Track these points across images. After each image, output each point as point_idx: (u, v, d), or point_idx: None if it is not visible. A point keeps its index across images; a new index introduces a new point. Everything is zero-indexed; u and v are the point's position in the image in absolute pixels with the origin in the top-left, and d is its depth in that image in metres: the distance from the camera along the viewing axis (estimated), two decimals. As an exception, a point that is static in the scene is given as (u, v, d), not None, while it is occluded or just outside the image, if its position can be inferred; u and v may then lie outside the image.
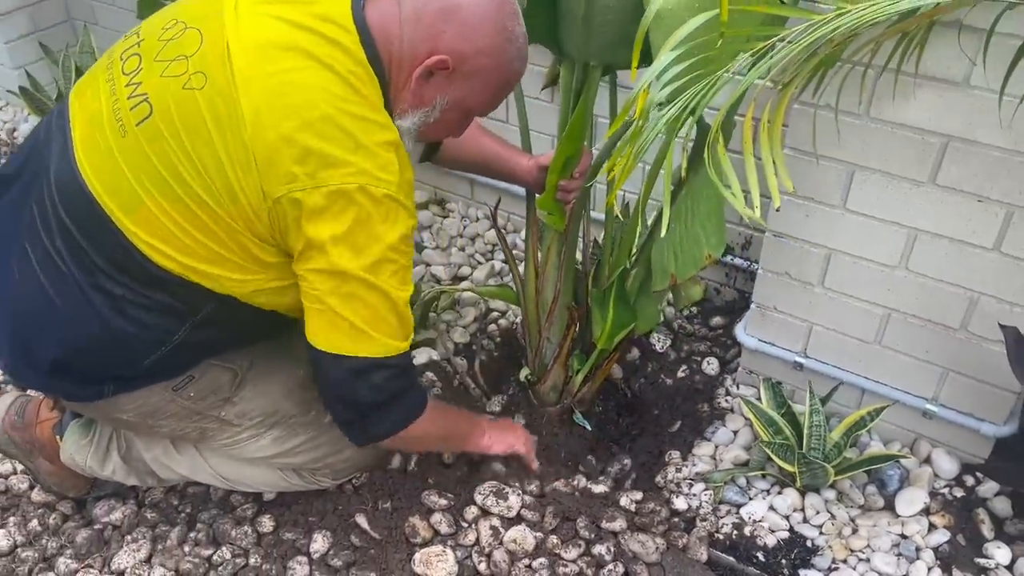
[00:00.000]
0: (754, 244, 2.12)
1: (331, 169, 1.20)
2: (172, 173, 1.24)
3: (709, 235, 1.44)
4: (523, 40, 1.33)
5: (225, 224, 1.26)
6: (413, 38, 1.26)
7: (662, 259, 1.57)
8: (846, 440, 1.69)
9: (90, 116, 1.31)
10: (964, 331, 1.61)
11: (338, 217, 1.22)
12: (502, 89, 1.37)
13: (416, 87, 1.29)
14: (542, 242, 1.77)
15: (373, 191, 1.22)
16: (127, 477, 1.66)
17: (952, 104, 1.41)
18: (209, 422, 1.54)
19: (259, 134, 1.19)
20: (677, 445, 1.86)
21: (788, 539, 1.63)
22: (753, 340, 1.87)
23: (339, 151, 1.20)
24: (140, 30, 1.36)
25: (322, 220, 1.22)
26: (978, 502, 1.68)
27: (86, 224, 1.29)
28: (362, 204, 1.22)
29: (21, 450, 1.69)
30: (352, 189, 1.21)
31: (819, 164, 1.57)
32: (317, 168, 1.19)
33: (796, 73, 1.20)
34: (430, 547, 1.58)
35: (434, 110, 1.33)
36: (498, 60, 1.30)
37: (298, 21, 1.23)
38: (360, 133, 1.21)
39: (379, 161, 1.23)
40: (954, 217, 1.51)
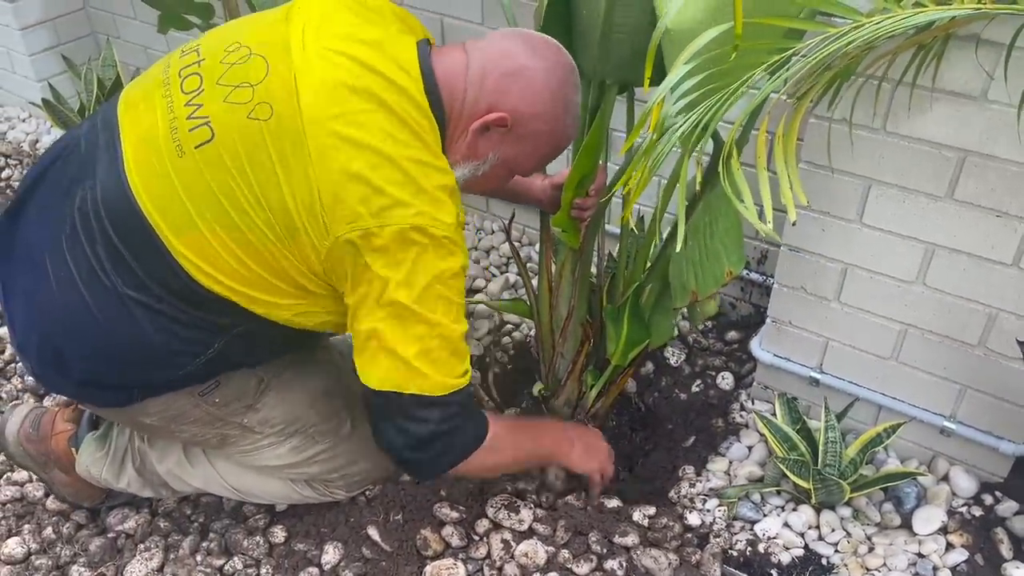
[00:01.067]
0: (770, 258, 2.11)
1: (395, 210, 1.23)
2: (232, 202, 1.25)
3: (729, 252, 1.44)
4: (578, 110, 1.39)
5: (279, 256, 1.28)
6: (477, 94, 1.31)
7: (681, 276, 1.56)
8: (862, 457, 1.67)
9: (144, 131, 1.31)
10: (982, 348, 1.59)
11: (398, 255, 1.25)
12: (551, 153, 1.42)
13: (472, 140, 1.34)
14: (556, 257, 1.77)
15: (433, 231, 1.25)
16: (142, 489, 1.67)
17: (969, 118, 1.40)
18: (231, 428, 1.54)
19: (325, 173, 1.21)
20: (691, 460, 1.85)
21: (803, 556, 1.61)
22: (768, 355, 1.86)
23: (402, 193, 1.23)
24: (200, 48, 1.35)
25: (383, 258, 1.25)
26: (997, 521, 1.66)
27: (132, 239, 1.29)
28: (421, 243, 1.25)
29: (36, 462, 1.70)
30: (411, 228, 1.24)
31: (835, 178, 1.57)
32: (381, 209, 1.22)
33: (811, 86, 1.20)
34: (441, 560, 1.58)
35: (484, 164, 1.37)
36: (553, 126, 1.36)
37: (367, 62, 1.25)
38: (421, 177, 1.25)
39: (438, 204, 1.26)
40: (972, 232, 1.49)
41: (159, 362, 1.38)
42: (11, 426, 1.70)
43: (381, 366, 1.32)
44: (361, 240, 1.23)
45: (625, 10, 1.34)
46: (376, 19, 1.34)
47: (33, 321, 1.39)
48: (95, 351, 1.36)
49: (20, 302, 1.40)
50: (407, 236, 1.24)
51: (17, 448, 1.69)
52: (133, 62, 3.11)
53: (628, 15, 1.34)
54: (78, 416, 1.73)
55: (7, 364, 2.12)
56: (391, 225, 1.23)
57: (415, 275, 1.27)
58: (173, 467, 1.62)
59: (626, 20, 1.37)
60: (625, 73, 1.49)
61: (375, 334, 1.30)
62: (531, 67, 1.31)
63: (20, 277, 1.39)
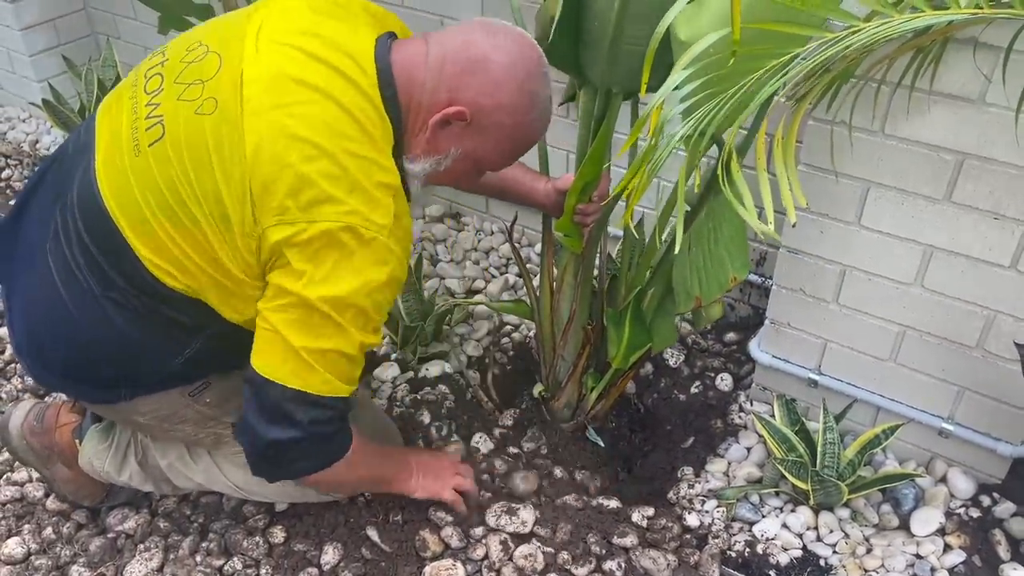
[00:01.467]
0: (769, 260, 2.12)
1: (323, 206, 1.19)
2: (175, 196, 1.24)
3: (734, 258, 1.44)
4: (547, 103, 1.33)
5: (219, 250, 1.25)
6: (436, 86, 1.26)
7: (685, 282, 1.56)
8: (860, 458, 1.67)
9: (112, 133, 1.33)
10: (980, 349, 1.59)
11: (321, 253, 1.21)
12: (518, 147, 1.36)
13: (431, 134, 1.29)
14: (558, 261, 1.77)
15: (362, 232, 1.21)
16: (143, 483, 1.67)
17: (968, 121, 1.40)
18: (224, 428, 1.55)
19: (257, 165, 1.19)
20: (690, 461, 1.85)
21: (801, 557, 1.62)
22: (767, 356, 1.87)
23: (334, 189, 1.19)
24: (166, 49, 1.37)
25: (305, 252, 1.20)
26: (994, 523, 1.66)
27: (101, 239, 1.30)
28: (347, 244, 1.21)
29: (38, 457, 1.71)
30: (339, 228, 1.19)
31: (834, 180, 1.57)
32: (310, 204, 1.18)
33: (809, 88, 1.20)
34: (440, 561, 1.58)
35: (446, 158, 1.32)
36: (517, 119, 1.30)
37: (317, 54, 1.23)
38: (359, 173, 1.20)
39: (373, 204, 1.22)
40: (970, 234, 1.50)
41: (138, 360, 1.38)
42: (15, 420, 1.71)
43: (273, 354, 1.27)
44: (287, 233, 1.19)
45: (636, 21, 1.32)
46: (341, 15, 1.31)
47: (24, 319, 1.42)
48: (72, 347, 1.38)
49: (18, 300, 1.43)
50: (334, 236, 1.20)
51: (20, 442, 1.70)
52: (133, 62, 3.08)
53: (639, 26, 1.32)
54: (83, 408, 1.73)
55: (7, 364, 2.12)
56: (319, 222, 1.19)
57: (335, 279, 1.22)
58: (175, 462, 1.63)
59: (637, 31, 1.36)
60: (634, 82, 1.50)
61: (278, 323, 1.25)
62: (493, 58, 1.25)
63: (19, 276, 1.42)
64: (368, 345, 1.31)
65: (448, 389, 2.01)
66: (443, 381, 2.03)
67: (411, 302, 2.10)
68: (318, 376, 1.28)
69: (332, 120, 1.20)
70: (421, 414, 1.91)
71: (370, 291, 1.24)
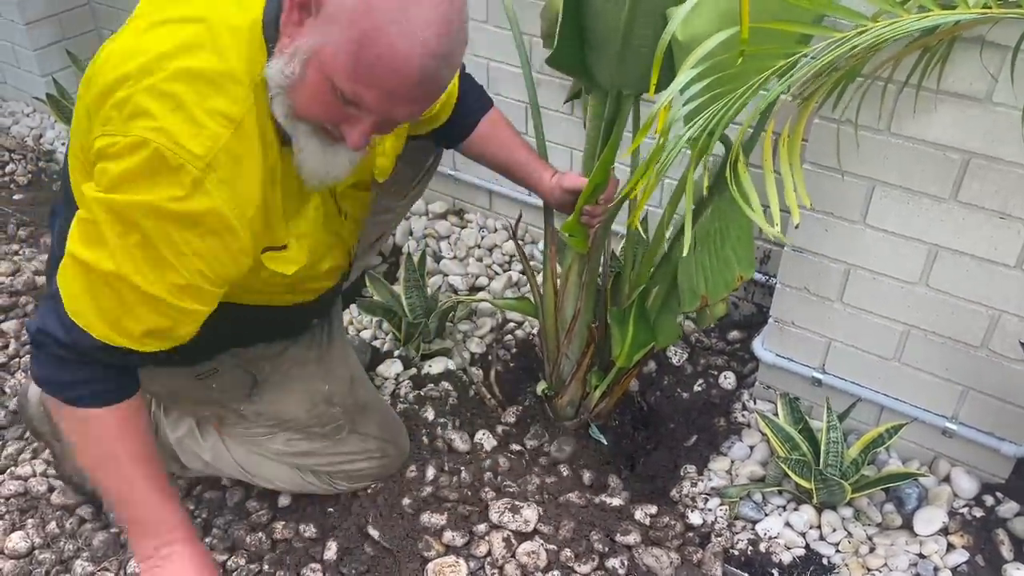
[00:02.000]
0: (773, 258, 2.11)
1: (139, 119, 1.07)
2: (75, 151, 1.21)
3: (740, 257, 1.43)
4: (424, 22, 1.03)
5: None
6: None
7: (691, 281, 1.56)
8: (864, 457, 1.67)
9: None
10: (985, 349, 1.59)
11: (121, 157, 1.08)
12: (374, 68, 1.05)
13: (285, 24, 1.10)
14: (562, 260, 1.77)
15: (168, 156, 1.06)
16: None
17: (974, 120, 1.40)
18: (227, 412, 1.58)
19: (101, 74, 1.11)
20: (693, 459, 1.85)
21: (804, 556, 1.62)
22: (771, 355, 1.86)
23: (153, 103, 1.06)
24: None
25: (109, 159, 1.09)
26: (998, 522, 1.66)
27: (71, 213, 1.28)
28: (147, 161, 1.06)
29: (52, 426, 1.69)
30: (143, 143, 1.06)
31: (839, 179, 1.57)
32: (130, 116, 1.07)
33: (816, 88, 1.20)
34: (443, 558, 1.58)
35: (293, 60, 1.09)
36: (372, 24, 1.02)
37: None
38: (188, 94, 1.07)
39: (195, 128, 1.07)
40: (976, 234, 1.49)
41: None
42: (34, 388, 1.71)
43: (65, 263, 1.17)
44: (104, 143, 1.09)
45: (646, 22, 1.32)
46: None
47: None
48: None
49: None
50: (136, 150, 1.06)
51: (38, 410, 1.70)
52: (137, 57, 3.10)
53: (649, 27, 1.31)
54: None
55: (10, 359, 2.13)
56: (130, 136, 1.07)
57: (120, 187, 1.08)
58: (184, 437, 1.64)
59: (647, 32, 1.35)
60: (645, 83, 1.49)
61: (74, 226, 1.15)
62: None
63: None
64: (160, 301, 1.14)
65: (451, 386, 2.01)
66: (446, 378, 2.04)
67: (414, 298, 2.10)
68: (70, 287, 1.15)
69: (188, 37, 1.10)
70: (425, 410, 1.92)
71: (159, 216, 1.09)
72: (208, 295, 1.19)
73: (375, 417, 1.69)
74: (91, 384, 1.23)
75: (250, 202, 1.14)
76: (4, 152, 3.01)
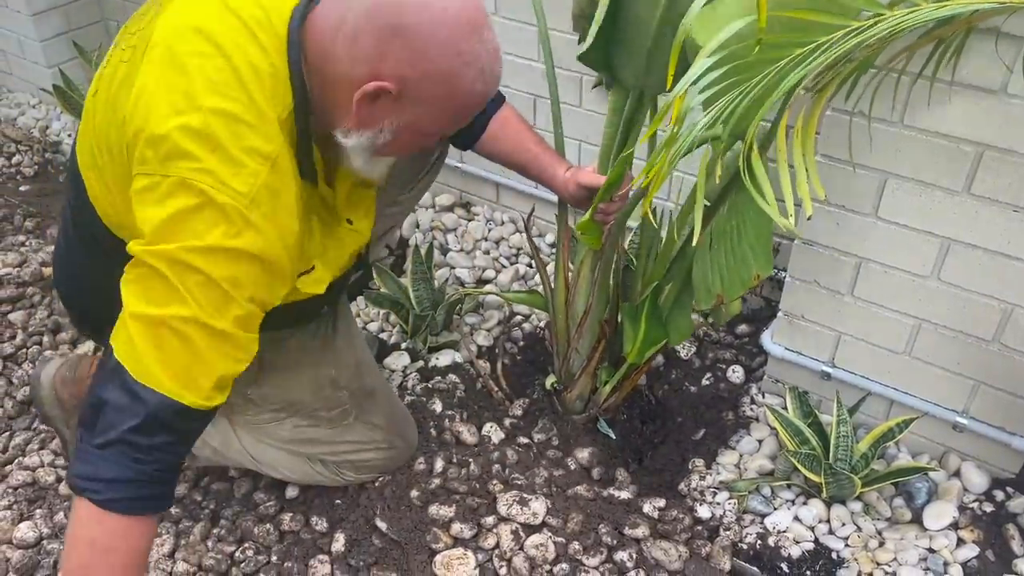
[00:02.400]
0: (783, 252, 2.10)
1: (180, 160, 1.10)
2: (90, 149, 1.25)
3: (757, 255, 1.42)
4: (486, 58, 1.15)
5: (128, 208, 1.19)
6: (351, 57, 1.12)
7: (707, 279, 1.55)
8: (873, 451, 1.66)
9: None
10: (997, 343, 1.58)
11: (164, 202, 1.10)
12: (461, 112, 1.22)
13: (359, 110, 1.16)
14: (574, 256, 1.76)
15: (212, 194, 1.09)
16: None
17: (988, 112, 1.39)
18: (235, 396, 1.55)
19: (136, 112, 1.13)
20: (701, 453, 1.85)
21: (813, 550, 1.61)
22: (780, 349, 1.86)
23: (192, 145, 1.09)
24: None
25: (151, 204, 1.11)
26: (1008, 517, 1.66)
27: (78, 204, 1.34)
28: (194, 200, 1.09)
29: (64, 410, 1.71)
30: (189, 183, 1.09)
31: (851, 172, 1.56)
32: (167, 156, 1.10)
33: (830, 79, 1.19)
34: (451, 550, 1.58)
35: (383, 133, 1.19)
36: (452, 86, 1.14)
37: (234, 6, 1.16)
38: (224, 133, 1.10)
39: (235, 168, 1.10)
40: (989, 227, 1.48)
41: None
42: (48, 370, 1.73)
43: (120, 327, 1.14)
44: (143, 184, 1.11)
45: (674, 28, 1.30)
46: None
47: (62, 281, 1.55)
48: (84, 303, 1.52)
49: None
50: (183, 189, 1.09)
51: (50, 393, 1.71)
52: (143, 48, 3.10)
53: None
54: None
55: (18, 350, 2.12)
56: (172, 176, 1.09)
57: (171, 232, 1.09)
58: None
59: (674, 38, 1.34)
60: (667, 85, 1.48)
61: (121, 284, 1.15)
62: (413, 21, 1.09)
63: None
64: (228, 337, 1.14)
65: (458, 378, 2.01)
66: (453, 370, 2.03)
67: (421, 291, 2.09)
68: (134, 348, 1.11)
69: (215, 75, 1.12)
70: (432, 403, 1.91)
71: (214, 255, 1.11)
72: (257, 322, 1.21)
73: (383, 405, 1.69)
74: (134, 486, 1.14)
75: (290, 232, 1.18)
76: (10, 143, 3.01)
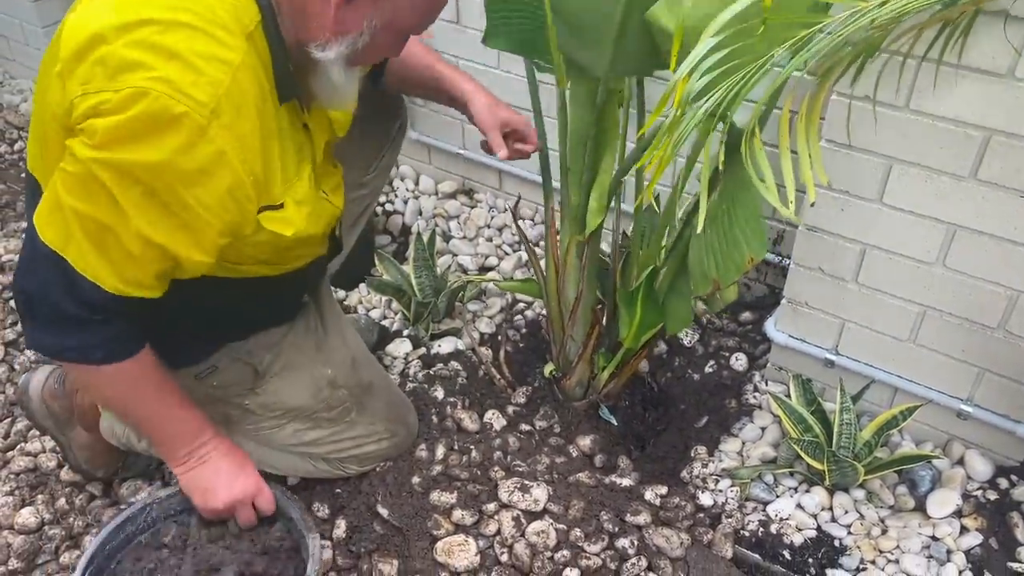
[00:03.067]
0: (786, 239, 2.09)
1: (129, 73, 1.03)
2: (37, 111, 1.18)
3: (750, 238, 1.41)
4: None
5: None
6: None
7: (702, 264, 1.54)
8: (877, 439, 1.66)
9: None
10: (1002, 330, 1.57)
11: (114, 115, 1.04)
12: (436, 2, 1.22)
13: (337, 13, 1.13)
14: (560, 244, 1.75)
15: (169, 104, 1.03)
16: None
17: (996, 97, 1.37)
18: (232, 408, 1.55)
19: (73, 34, 1.07)
20: (703, 440, 1.84)
21: (815, 538, 1.61)
22: (783, 336, 1.85)
23: (145, 55, 1.04)
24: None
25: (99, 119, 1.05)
26: (1012, 505, 1.65)
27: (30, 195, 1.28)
28: (149, 111, 1.03)
29: (57, 421, 1.70)
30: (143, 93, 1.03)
31: (856, 157, 1.54)
32: (117, 70, 1.04)
33: (834, 62, 1.17)
34: (452, 536, 1.58)
35: (362, 35, 1.17)
36: None
37: None
38: (181, 42, 1.05)
39: (194, 75, 1.04)
40: (996, 214, 1.47)
41: None
42: (35, 383, 1.70)
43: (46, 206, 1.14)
44: (90, 103, 1.05)
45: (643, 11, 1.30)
46: None
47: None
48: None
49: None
50: (138, 95, 1.03)
51: (40, 406, 1.69)
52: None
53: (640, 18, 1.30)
54: None
55: (20, 336, 2.12)
56: (124, 89, 1.03)
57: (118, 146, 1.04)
58: None
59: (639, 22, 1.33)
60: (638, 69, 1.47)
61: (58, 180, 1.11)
62: None
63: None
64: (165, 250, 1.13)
65: (460, 366, 2.00)
66: (455, 358, 2.03)
67: (424, 278, 2.08)
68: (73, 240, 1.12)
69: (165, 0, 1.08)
70: (434, 390, 1.91)
71: (164, 174, 1.07)
72: (212, 247, 1.18)
73: (382, 397, 1.68)
74: (105, 345, 1.22)
75: (252, 150, 1.13)
76: (13, 130, 3.01)
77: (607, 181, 1.62)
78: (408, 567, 1.55)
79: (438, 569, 1.54)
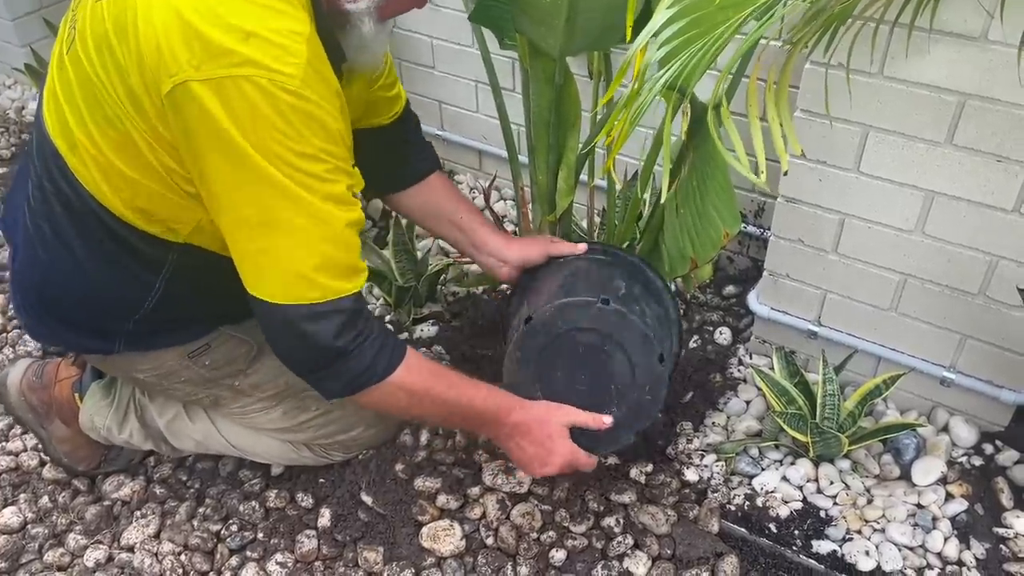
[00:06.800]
0: (767, 211, 2.08)
1: (216, 60, 1.06)
2: (89, 96, 1.18)
3: (722, 212, 1.40)
4: None
5: (140, 143, 1.17)
6: None
7: (678, 244, 1.52)
8: (861, 409, 1.65)
9: (52, 63, 1.30)
10: (983, 296, 1.56)
11: (225, 108, 1.07)
12: None
13: None
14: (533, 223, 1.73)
15: (265, 85, 1.06)
16: (144, 441, 1.67)
17: (969, 60, 1.35)
18: (222, 390, 1.55)
19: (148, 24, 1.08)
20: (689, 416, 1.83)
21: (801, 510, 1.60)
22: (766, 309, 1.83)
23: (227, 39, 1.05)
24: None
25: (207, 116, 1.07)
26: (997, 471, 1.65)
27: (51, 171, 1.28)
28: (252, 99, 1.06)
29: (36, 414, 1.70)
30: (238, 81, 1.06)
31: (832, 126, 1.52)
32: (203, 58, 1.06)
33: (805, 31, 1.15)
34: (437, 522, 1.57)
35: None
36: None
37: None
38: (252, 21, 1.07)
39: (276, 52, 1.07)
40: (972, 178, 1.45)
41: (108, 303, 1.37)
42: (13, 376, 1.70)
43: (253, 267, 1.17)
44: (184, 93, 1.07)
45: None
46: None
47: (15, 272, 1.44)
48: (48, 292, 1.39)
49: (15, 260, 1.44)
50: (232, 87, 1.06)
51: (18, 399, 1.69)
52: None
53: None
54: (83, 363, 1.72)
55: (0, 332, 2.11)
56: (211, 78, 1.05)
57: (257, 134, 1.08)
58: (173, 420, 1.62)
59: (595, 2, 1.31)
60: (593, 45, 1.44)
61: (233, 224, 1.15)
62: None
63: (15, 239, 1.43)
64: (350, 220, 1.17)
65: (443, 349, 1.99)
66: (438, 342, 2.01)
67: (404, 262, 2.07)
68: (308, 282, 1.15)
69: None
70: (416, 375, 1.89)
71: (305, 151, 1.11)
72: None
73: None
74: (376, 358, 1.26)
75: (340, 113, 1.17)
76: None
77: (572, 159, 1.60)
78: (394, 554, 1.54)
79: (424, 555, 1.54)
